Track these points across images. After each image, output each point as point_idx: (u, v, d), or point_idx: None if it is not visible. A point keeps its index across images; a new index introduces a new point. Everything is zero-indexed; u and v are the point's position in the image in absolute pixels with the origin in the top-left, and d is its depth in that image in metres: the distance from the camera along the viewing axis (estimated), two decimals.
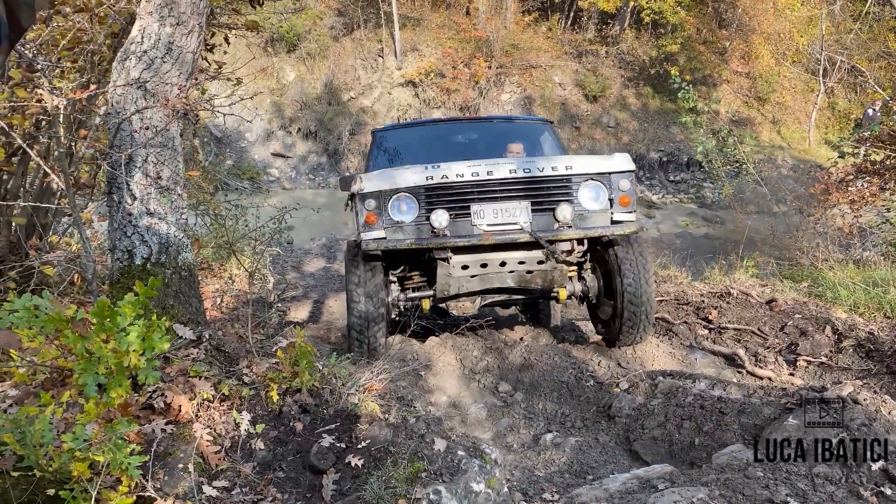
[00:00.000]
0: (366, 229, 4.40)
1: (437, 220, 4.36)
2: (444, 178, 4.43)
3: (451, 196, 4.44)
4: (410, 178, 4.45)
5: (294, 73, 20.74)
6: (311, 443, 2.62)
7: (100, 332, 2.36)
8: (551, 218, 4.50)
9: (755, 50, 22.02)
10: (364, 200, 4.39)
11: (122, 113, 3.01)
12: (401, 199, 4.43)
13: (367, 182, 4.41)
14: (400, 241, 4.39)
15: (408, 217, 4.42)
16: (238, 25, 5.91)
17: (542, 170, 4.51)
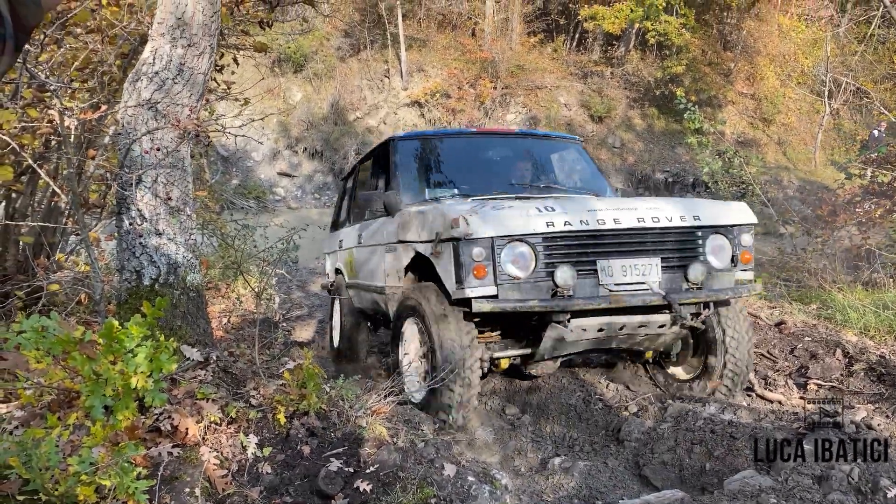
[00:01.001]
0: (471, 284, 3.62)
1: (562, 277, 3.64)
2: (567, 226, 3.71)
3: (575, 248, 3.77)
4: (525, 222, 3.69)
5: (301, 93, 20.88)
6: (318, 467, 2.59)
7: (107, 354, 2.34)
8: (681, 277, 3.92)
9: (760, 71, 22.12)
10: (471, 248, 3.60)
11: (133, 133, 3.02)
12: (515, 248, 3.67)
13: (476, 224, 3.60)
14: (519, 301, 3.62)
15: (524, 271, 3.67)
16: (246, 46, 5.96)
17: (671, 220, 3.92)
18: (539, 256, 3.67)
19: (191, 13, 3.10)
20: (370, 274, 5.36)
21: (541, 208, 3.77)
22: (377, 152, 5.77)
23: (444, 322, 3.88)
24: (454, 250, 3.66)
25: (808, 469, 3.04)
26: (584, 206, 3.91)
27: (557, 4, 24.24)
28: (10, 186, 3.81)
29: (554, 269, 3.66)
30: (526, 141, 5.83)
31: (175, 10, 3.09)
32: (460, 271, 3.64)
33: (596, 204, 3.94)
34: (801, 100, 23.08)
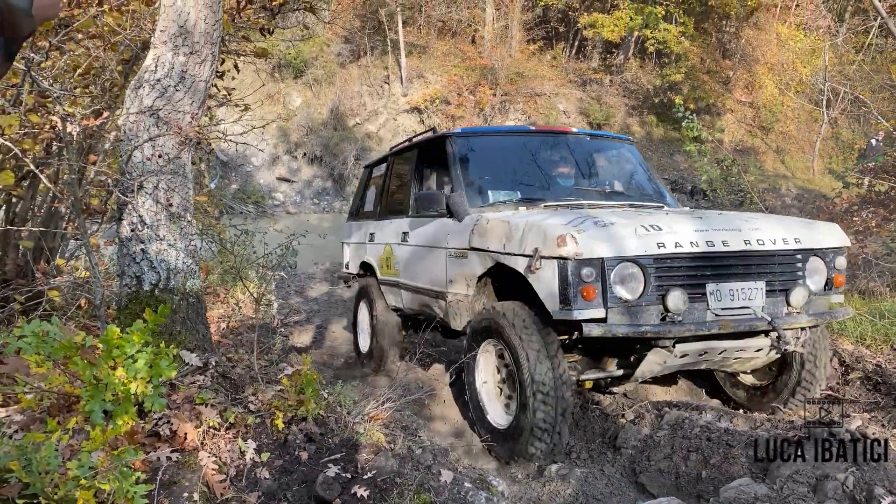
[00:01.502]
0: (579, 306, 3.42)
1: (674, 302, 3.48)
2: (678, 248, 3.56)
3: (686, 271, 3.62)
4: (635, 242, 3.51)
5: (300, 99, 20.93)
6: (316, 472, 2.61)
7: (108, 359, 2.36)
8: (783, 301, 3.83)
9: (759, 80, 22.21)
10: (581, 268, 3.41)
11: (135, 140, 3.04)
12: (626, 269, 3.50)
13: (586, 243, 3.40)
14: (630, 326, 3.45)
15: (634, 294, 3.50)
16: (247, 52, 5.98)
17: (775, 242, 3.81)
18: (650, 279, 3.51)
19: (193, 21, 3.13)
20: (423, 276, 5.12)
21: (647, 227, 3.61)
22: (425, 147, 5.54)
23: (532, 347, 3.68)
24: (560, 269, 3.46)
25: (803, 477, 3.06)
26: (687, 221, 3.79)
27: (557, 12, 24.34)
28: (10, 191, 3.83)
29: (665, 292, 3.51)
30: (582, 141, 5.54)
31: (177, 19, 3.11)
32: (567, 291, 3.44)
33: (698, 223, 3.79)
34: (799, 108, 23.17)
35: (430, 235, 4.93)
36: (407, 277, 5.43)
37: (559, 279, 3.47)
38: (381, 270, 6.02)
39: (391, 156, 6.33)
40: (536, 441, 3.67)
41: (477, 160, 5.04)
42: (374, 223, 6.31)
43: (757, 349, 3.90)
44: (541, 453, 3.71)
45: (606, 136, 5.91)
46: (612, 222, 3.61)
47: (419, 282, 5.18)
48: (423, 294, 5.11)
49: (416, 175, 5.56)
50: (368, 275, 6.47)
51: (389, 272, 5.82)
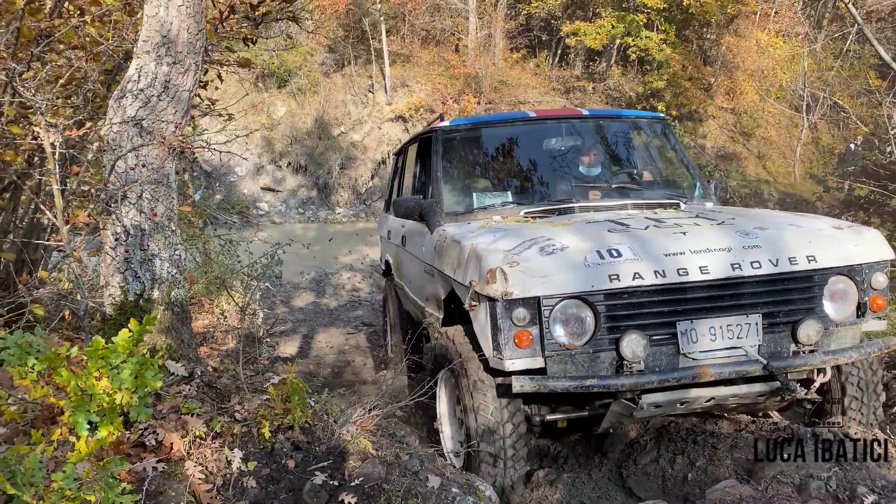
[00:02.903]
0: (511, 354, 2.86)
1: (629, 348, 2.86)
2: (636, 279, 2.89)
3: (648, 307, 2.97)
4: (583, 274, 2.88)
5: (284, 109, 20.90)
6: (303, 480, 2.61)
7: (93, 370, 2.35)
8: (787, 337, 3.07)
9: (740, 86, 22.44)
10: (512, 309, 2.83)
11: (118, 150, 3.04)
12: (568, 308, 2.89)
13: (517, 280, 2.83)
14: (573, 380, 2.84)
15: (579, 339, 2.90)
16: (230, 62, 5.98)
17: (777, 263, 3.04)
18: (600, 319, 2.88)
19: (176, 31, 3.14)
20: (413, 286, 4.69)
21: (603, 251, 2.98)
22: (421, 139, 4.98)
23: (478, 390, 3.17)
24: (490, 310, 2.93)
25: (787, 477, 3.09)
26: (662, 242, 3.09)
27: (540, 21, 24.49)
28: None
29: (619, 335, 2.88)
30: (597, 125, 4.67)
31: (160, 29, 3.12)
32: (498, 336, 2.89)
33: (677, 241, 3.10)
34: (779, 114, 23.42)
35: (416, 244, 4.47)
36: (405, 284, 5.02)
37: (491, 322, 2.94)
38: (396, 272, 5.57)
39: (407, 144, 5.76)
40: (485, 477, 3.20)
41: (465, 157, 4.40)
42: (390, 219, 5.80)
43: (759, 394, 3.15)
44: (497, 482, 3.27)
45: (630, 116, 4.92)
46: (563, 247, 3.03)
47: (411, 291, 4.79)
48: (416, 307, 4.70)
49: (416, 172, 5.07)
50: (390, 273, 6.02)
51: (398, 275, 5.39)
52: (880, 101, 14.77)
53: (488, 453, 3.18)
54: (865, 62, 22.46)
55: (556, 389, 2.85)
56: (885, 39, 18.58)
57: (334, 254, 12.96)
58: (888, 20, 12.73)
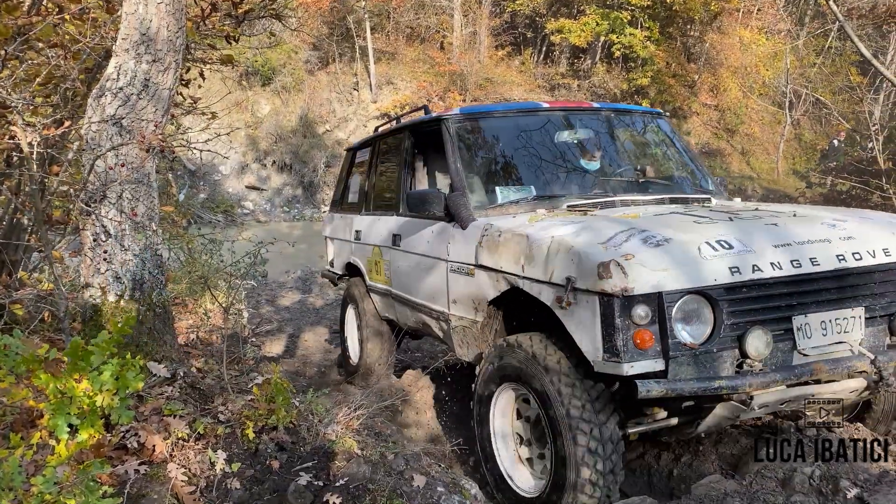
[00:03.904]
0: (631, 357, 2.59)
1: (755, 345, 2.66)
2: (756, 272, 2.72)
3: (767, 301, 2.78)
4: (701, 267, 2.70)
5: (269, 107, 20.81)
6: (288, 481, 2.59)
7: (73, 372, 2.32)
8: (884, 330, 2.98)
9: (723, 83, 22.61)
10: (633, 307, 2.59)
11: (98, 149, 3.00)
12: (689, 305, 2.67)
13: (638, 274, 2.60)
14: (701, 382, 2.60)
15: (699, 338, 2.68)
16: (213, 60, 5.93)
17: (874, 254, 2.94)
18: (722, 315, 2.68)
19: (155, 29, 3.10)
20: (421, 290, 4.28)
21: (714, 244, 2.79)
22: (417, 131, 4.66)
23: (575, 403, 2.85)
24: (604, 309, 2.65)
25: (771, 472, 3.11)
26: (763, 234, 2.94)
27: (524, 18, 24.53)
28: None
29: (742, 332, 2.68)
30: (609, 118, 4.56)
31: (139, 26, 3.08)
32: (614, 337, 2.61)
33: (773, 233, 2.96)
34: (763, 110, 23.61)
35: (428, 243, 4.10)
36: (400, 288, 4.64)
37: (602, 321, 2.66)
38: (370, 275, 5.21)
39: (378, 139, 5.45)
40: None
41: (481, 148, 4.16)
42: (360, 218, 5.46)
43: (852, 391, 3.03)
44: None
45: (633, 111, 4.91)
46: (666, 238, 2.80)
47: (416, 296, 4.36)
48: (421, 311, 4.32)
49: (406, 165, 4.72)
50: (355, 276, 5.66)
51: (380, 279, 5.02)
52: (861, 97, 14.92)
53: (587, 480, 2.82)
54: (847, 59, 22.69)
55: (684, 392, 2.59)
56: (865, 36, 18.74)
57: (320, 252, 12.91)
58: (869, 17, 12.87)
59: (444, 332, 4.06)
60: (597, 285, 2.65)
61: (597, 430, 2.82)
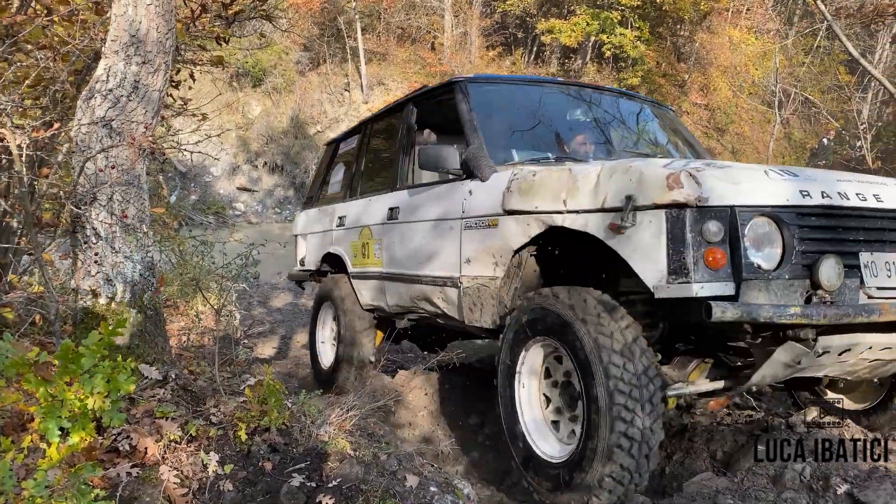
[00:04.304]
0: (702, 276, 2.43)
1: (828, 274, 2.51)
2: (825, 198, 2.61)
3: (836, 232, 2.67)
4: (770, 188, 2.56)
5: (260, 108, 20.77)
6: (280, 483, 2.59)
7: (63, 375, 2.31)
8: None
9: (713, 82, 22.70)
10: (704, 221, 2.45)
11: (88, 152, 2.99)
12: (761, 227, 2.53)
13: (711, 183, 2.47)
14: (777, 309, 2.40)
15: (772, 262, 2.53)
16: (203, 61, 5.92)
17: None
18: (792, 241, 2.52)
19: (145, 30, 3.09)
20: (423, 260, 4.09)
21: (777, 171, 2.67)
22: (422, 101, 4.55)
23: (615, 348, 2.66)
24: (671, 223, 2.47)
25: (762, 469, 3.12)
26: (822, 174, 2.86)
27: (515, 18, 24.57)
28: None
29: (812, 261, 2.53)
30: (620, 101, 4.59)
31: (129, 28, 3.07)
32: (682, 256, 2.43)
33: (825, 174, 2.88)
34: (752, 110, 23.72)
35: (436, 205, 3.98)
36: (395, 265, 4.46)
37: (668, 238, 2.48)
38: (356, 261, 5.00)
39: (369, 122, 5.42)
40: (611, 478, 2.65)
41: (495, 112, 4.06)
42: (345, 205, 5.34)
43: None
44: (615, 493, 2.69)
45: (645, 99, 4.95)
46: (726, 164, 2.68)
47: (415, 268, 4.19)
48: (421, 283, 4.11)
49: (406, 139, 4.61)
50: (335, 270, 5.47)
51: (368, 261, 4.82)
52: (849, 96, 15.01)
53: (621, 448, 2.61)
54: (835, 58, 22.82)
55: (758, 318, 2.38)
56: (853, 35, 18.87)
57: None
58: (857, 16, 12.97)
59: (450, 300, 3.84)
60: (664, 197, 2.48)
61: (637, 390, 2.62)
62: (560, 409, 3.14)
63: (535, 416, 3.20)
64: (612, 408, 2.61)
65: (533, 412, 3.21)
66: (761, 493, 2.94)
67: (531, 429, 3.17)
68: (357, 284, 5.04)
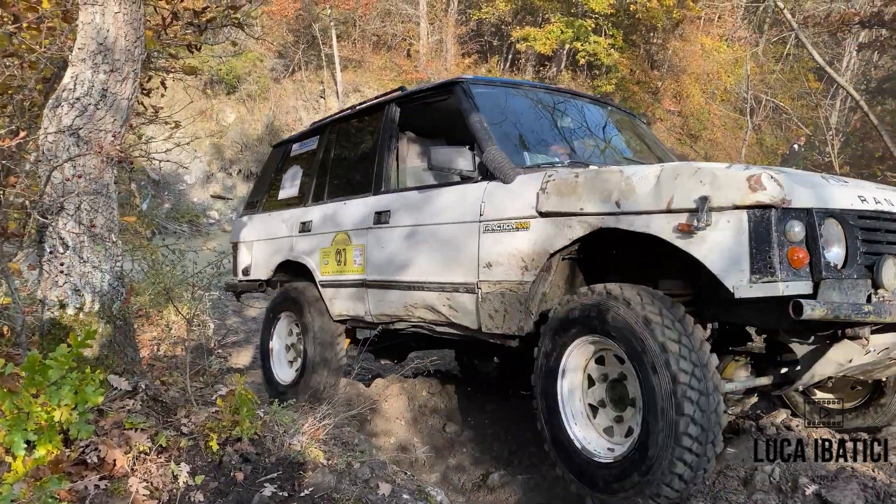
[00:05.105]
0: (787, 275, 2.49)
1: (888, 274, 2.65)
2: (878, 204, 2.79)
3: (890, 237, 2.82)
4: (835, 192, 2.72)
5: (234, 115, 20.62)
6: (252, 493, 2.57)
7: (30, 387, 2.28)
8: None
9: (686, 89, 22.96)
10: (787, 222, 2.52)
11: (54, 161, 2.96)
12: (832, 226, 2.64)
13: (791, 186, 2.56)
14: (853, 309, 2.51)
15: (841, 261, 2.65)
16: (175, 69, 5.88)
17: None
18: (856, 243, 2.65)
19: (113, 38, 3.07)
20: (426, 265, 3.92)
21: (829, 179, 2.83)
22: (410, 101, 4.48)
23: (674, 348, 2.67)
24: (755, 223, 2.52)
25: (733, 472, 3.16)
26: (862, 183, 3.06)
27: (490, 26, 24.70)
28: None
29: (872, 262, 2.67)
30: (606, 110, 4.72)
31: (96, 36, 3.05)
32: (768, 255, 2.49)
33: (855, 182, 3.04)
34: (725, 116, 24.03)
35: (444, 208, 3.85)
36: (382, 272, 4.26)
37: (752, 238, 2.53)
38: (326, 268, 4.76)
39: (337, 122, 5.23)
40: (675, 480, 2.66)
41: (500, 114, 3.95)
42: (308, 209, 5.08)
43: None
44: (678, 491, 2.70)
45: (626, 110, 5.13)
46: (781, 169, 2.76)
47: (414, 274, 4.01)
48: (423, 290, 3.95)
49: (388, 142, 4.46)
50: (296, 278, 5.19)
51: (343, 269, 4.59)
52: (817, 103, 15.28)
53: (688, 449, 2.63)
54: (804, 65, 23.21)
55: (841, 316, 2.47)
56: (821, 43, 19.24)
57: None
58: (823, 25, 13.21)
59: (459, 307, 3.70)
60: (747, 199, 2.53)
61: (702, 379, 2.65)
62: (606, 407, 3.13)
63: (580, 418, 3.16)
64: (678, 406, 2.62)
65: (576, 413, 3.17)
66: (732, 495, 2.98)
67: (576, 430, 3.13)
68: (327, 293, 4.80)
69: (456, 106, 3.96)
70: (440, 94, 4.17)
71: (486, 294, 3.52)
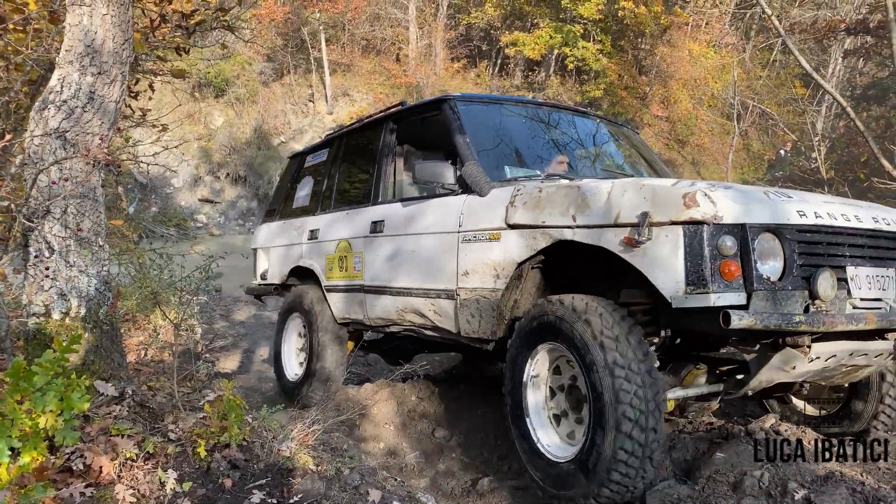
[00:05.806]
0: (717, 287, 2.64)
1: (825, 286, 2.77)
2: (817, 218, 2.90)
3: (828, 249, 2.94)
4: (772, 208, 2.84)
5: (222, 118, 20.55)
6: (241, 500, 2.54)
7: (14, 394, 2.25)
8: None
9: (674, 95, 23.10)
10: (719, 236, 2.67)
11: (41, 164, 2.92)
12: (767, 242, 2.78)
13: (725, 204, 2.70)
14: (783, 317, 2.66)
15: (776, 274, 2.77)
16: (164, 72, 5.85)
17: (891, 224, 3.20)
18: (793, 256, 2.79)
19: (101, 40, 3.04)
20: (413, 272, 4.17)
21: (774, 192, 2.97)
22: (404, 118, 4.69)
23: (621, 354, 2.84)
24: (689, 238, 2.68)
25: (723, 477, 3.16)
26: (810, 196, 3.19)
27: (479, 31, 24.76)
28: None
29: (809, 274, 2.80)
30: (592, 122, 4.85)
31: (84, 38, 3.02)
32: (700, 268, 2.65)
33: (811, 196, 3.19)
34: (712, 122, 24.19)
35: (428, 219, 4.08)
36: (378, 278, 4.51)
37: (686, 252, 2.69)
38: (330, 274, 5.05)
39: (343, 135, 5.49)
40: (615, 478, 2.83)
41: (485, 130, 4.17)
42: (316, 218, 5.38)
43: (877, 354, 3.19)
44: (618, 495, 2.89)
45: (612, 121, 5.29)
46: (728, 185, 2.92)
47: (403, 281, 4.26)
48: (411, 296, 4.19)
49: (386, 155, 4.70)
50: (305, 283, 5.48)
51: (345, 275, 4.86)
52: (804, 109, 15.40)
53: (625, 450, 2.78)
54: (791, 71, 23.42)
55: (770, 325, 2.63)
56: (808, 50, 19.41)
57: None
58: (810, 32, 13.34)
59: (444, 312, 3.93)
60: (681, 215, 2.69)
61: (643, 387, 2.80)
62: (566, 411, 3.30)
63: (542, 418, 3.35)
64: (617, 407, 2.78)
65: (539, 414, 3.36)
66: (722, 500, 2.97)
67: (538, 429, 3.32)
68: (331, 297, 5.08)
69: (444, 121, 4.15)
70: (431, 110, 4.38)
71: (463, 300, 3.76)
